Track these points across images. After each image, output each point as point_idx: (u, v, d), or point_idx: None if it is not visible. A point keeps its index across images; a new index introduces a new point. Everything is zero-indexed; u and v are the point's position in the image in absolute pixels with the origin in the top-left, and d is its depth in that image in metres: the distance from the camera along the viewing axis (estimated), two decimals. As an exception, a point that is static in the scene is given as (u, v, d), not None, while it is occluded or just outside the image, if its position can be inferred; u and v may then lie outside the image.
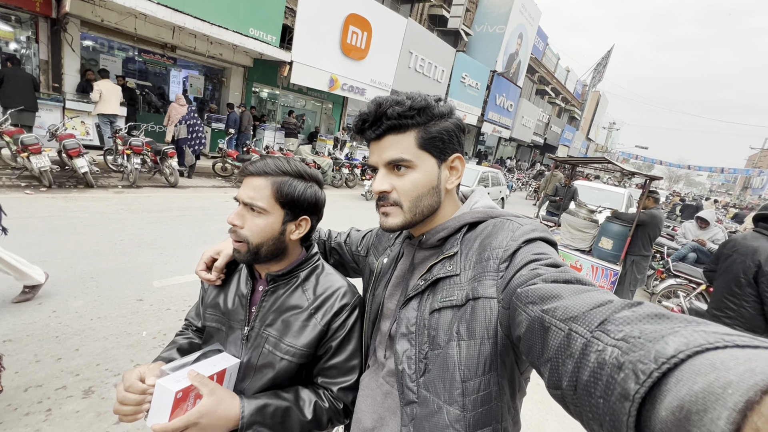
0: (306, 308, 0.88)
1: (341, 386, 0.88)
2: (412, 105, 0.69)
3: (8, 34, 7.53)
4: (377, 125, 0.71)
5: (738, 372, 0.26)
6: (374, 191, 0.73)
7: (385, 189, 0.72)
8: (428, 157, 0.72)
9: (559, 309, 0.45)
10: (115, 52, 9.36)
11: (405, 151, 0.70)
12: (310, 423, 0.83)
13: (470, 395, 0.62)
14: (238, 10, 8.02)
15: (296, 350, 0.86)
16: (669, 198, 18.61)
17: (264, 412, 0.78)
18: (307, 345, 0.86)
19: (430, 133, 0.70)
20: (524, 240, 0.63)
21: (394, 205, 0.72)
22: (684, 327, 0.33)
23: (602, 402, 0.35)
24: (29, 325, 2.46)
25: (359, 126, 0.74)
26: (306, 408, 0.84)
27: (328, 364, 0.88)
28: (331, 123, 13.97)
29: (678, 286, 4.74)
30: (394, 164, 0.71)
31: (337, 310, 0.88)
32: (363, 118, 0.73)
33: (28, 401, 1.91)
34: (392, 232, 0.77)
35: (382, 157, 0.72)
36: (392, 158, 0.71)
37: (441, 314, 0.67)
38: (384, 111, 0.69)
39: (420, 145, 0.70)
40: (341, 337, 0.88)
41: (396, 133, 0.70)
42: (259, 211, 0.82)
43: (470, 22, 18.01)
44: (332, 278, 0.93)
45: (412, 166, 0.71)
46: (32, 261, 3.22)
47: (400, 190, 0.72)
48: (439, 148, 0.72)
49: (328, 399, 0.87)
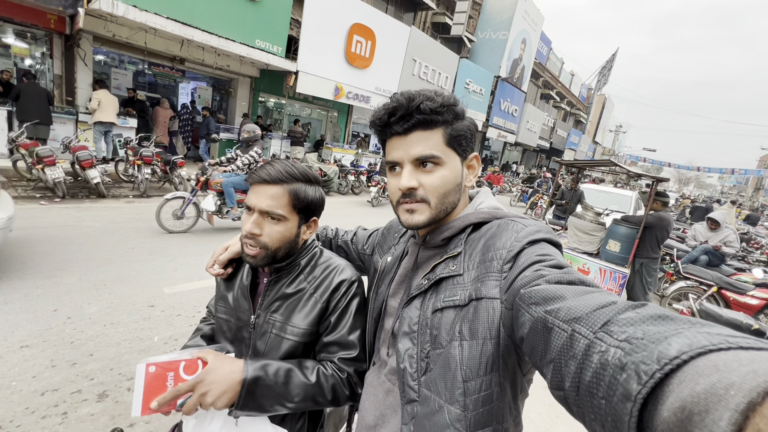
0: (307, 290, 0.91)
1: (341, 357, 0.88)
2: (444, 102, 0.68)
3: (24, 50, 7.78)
4: (406, 119, 0.69)
5: (741, 373, 0.26)
6: (402, 188, 0.71)
7: (414, 185, 0.70)
8: (454, 155, 0.72)
9: (563, 310, 0.45)
10: (126, 66, 9.62)
11: (434, 147, 0.69)
12: (313, 387, 0.83)
13: (471, 395, 0.62)
14: (244, 22, 8.20)
15: (300, 330, 0.88)
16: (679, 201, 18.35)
17: (266, 369, 0.80)
18: (310, 323, 0.89)
19: (456, 130, 0.70)
20: (528, 241, 0.63)
21: (421, 202, 0.71)
22: (687, 328, 0.33)
23: (604, 403, 0.34)
24: (45, 332, 2.52)
25: (384, 119, 0.71)
26: (309, 372, 0.84)
27: (327, 339, 0.90)
28: (336, 131, 14.09)
29: (688, 288, 4.68)
30: (422, 161, 0.70)
31: (335, 286, 0.91)
32: (390, 111, 0.70)
33: (45, 405, 1.95)
34: (417, 229, 0.75)
35: (410, 152, 0.70)
36: (422, 154, 0.69)
37: (443, 314, 0.67)
38: (417, 105, 0.67)
39: (447, 142, 0.70)
40: (339, 311, 0.90)
41: (424, 129, 0.69)
42: (279, 218, 0.84)
43: (473, 28, 18.13)
44: (330, 259, 0.97)
45: (441, 163, 0.70)
46: (48, 269, 3.32)
47: (429, 187, 0.70)
48: (462, 146, 0.72)
49: (330, 367, 0.88)
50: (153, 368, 0.73)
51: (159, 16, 6.87)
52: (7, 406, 1.90)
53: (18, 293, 2.90)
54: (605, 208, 6.09)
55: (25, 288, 3.00)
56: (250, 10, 8.21)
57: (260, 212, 0.84)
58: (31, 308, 2.75)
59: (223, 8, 7.74)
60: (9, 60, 7.77)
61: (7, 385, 2.03)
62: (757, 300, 4.25)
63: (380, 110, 0.72)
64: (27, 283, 3.07)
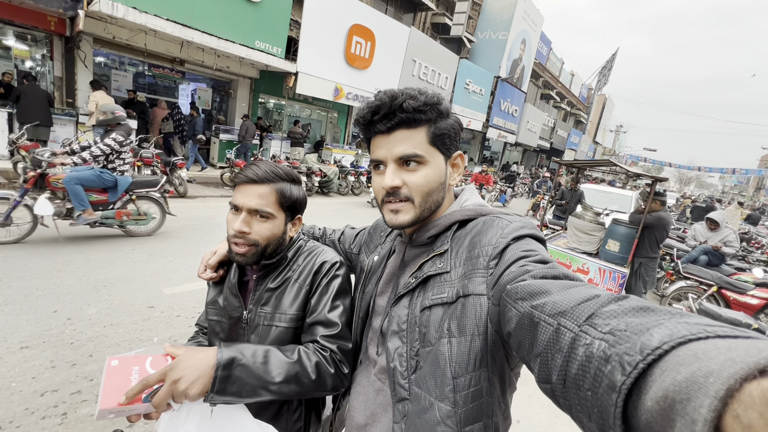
0: (292, 278, 0.94)
1: (323, 334, 0.86)
2: (426, 101, 0.68)
3: (24, 52, 7.81)
4: (389, 118, 0.69)
5: (719, 361, 0.26)
6: (386, 186, 0.71)
7: (397, 184, 0.70)
8: (437, 153, 0.72)
9: (548, 304, 0.45)
10: (126, 68, 9.63)
11: (418, 146, 0.69)
12: (294, 365, 0.79)
13: (461, 391, 0.62)
14: (244, 23, 8.22)
15: (288, 315, 0.90)
16: (679, 201, 18.30)
17: (242, 350, 0.76)
18: (297, 308, 0.91)
19: (440, 129, 0.70)
20: (513, 237, 0.64)
21: (405, 201, 0.71)
22: (668, 319, 0.34)
23: (590, 394, 0.35)
24: (45, 332, 2.53)
25: (368, 117, 0.71)
26: (289, 352, 0.81)
27: (310, 320, 0.90)
28: (336, 132, 14.11)
29: (688, 288, 4.68)
30: (406, 159, 0.70)
31: (317, 268, 0.93)
32: (374, 109, 0.70)
33: (45, 405, 1.96)
34: (401, 228, 0.75)
35: (393, 151, 0.70)
36: (405, 153, 0.69)
37: (432, 311, 0.67)
38: (399, 104, 0.67)
39: (431, 141, 0.70)
40: (319, 291, 0.92)
41: (408, 127, 0.69)
42: (267, 216, 0.87)
43: (473, 29, 18.15)
44: (315, 247, 1.00)
45: (424, 162, 0.70)
46: (48, 271, 3.33)
47: (412, 186, 0.70)
48: (446, 145, 0.72)
49: (313, 347, 0.85)
50: (116, 362, 0.70)
51: (159, 18, 6.89)
52: (7, 407, 1.91)
53: (18, 294, 2.91)
54: (605, 208, 6.09)
55: (25, 289, 3.00)
56: (250, 12, 8.23)
57: (248, 211, 0.86)
58: (31, 309, 2.76)
59: (222, 10, 7.76)
60: (10, 62, 7.80)
61: (7, 385, 2.04)
62: (757, 299, 4.25)
63: (364, 108, 0.72)
64: (27, 284, 3.08)
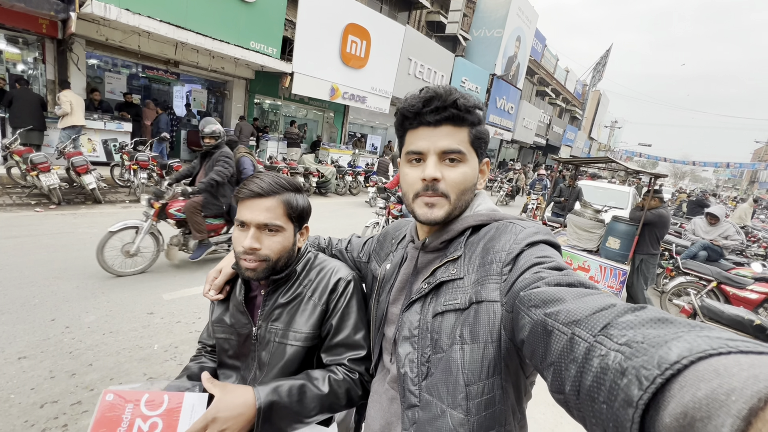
0: (305, 294, 0.91)
1: (351, 358, 0.88)
2: (476, 103, 0.71)
3: (16, 55, 7.71)
4: (440, 111, 0.69)
5: (741, 378, 0.26)
6: (428, 177, 0.70)
7: (438, 176, 0.70)
8: (474, 155, 0.73)
9: (562, 312, 0.44)
10: (120, 70, 9.56)
11: (461, 143, 0.70)
12: (328, 397, 0.82)
13: (474, 399, 0.61)
14: (238, 24, 8.15)
15: (302, 334, 0.88)
16: (675, 195, 18.42)
17: (278, 391, 0.78)
18: (312, 327, 0.89)
19: (479, 133, 0.72)
20: (527, 243, 0.63)
21: (441, 196, 0.71)
22: (687, 332, 0.33)
23: (605, 407, 0.34)
24: (43, 342, 2.49)
25: (418, 106, 0.70)
26: (320, 383, 0.83)
27: (333, 342, 0.89)
28: (333, 131, 14.06)
29: (688, 283, 4.69)
30: (449, 154, 0.70)
31: (332, 287, 0.91)
32: (426, 100, 0.69)
33: (45, 417, 1.92)
34: (434, 224, 0.74)
35: (438, 144, 0.70)
36: (450, 147, 0.70)
37: (444, 317, 0.67)
38: (454, 99, 0.68)
39: (471, 141, 0.72)
40: (340, 312, 0.90)
41: (455, 124, 0.70)
42: (277, 230, 0.85)
43: (468, 27, 18.13)
44: (324, 261, 0.97)
45: (464, 160, 0.71)
46: (45, 277, 3.28)
47: (450, 181, 0.71)
48: (481, 148, 0.74)
49: (341, 371, 0.87)
50: (111, 396, 0.68)
51: (152, 19, 6.81)
52: (6, 420, 1.87)
53: (14, 303, 2.86)
54: (604, 204, 6.10)
55: (21, 297, 2.95)
56: (244, 12, 8.16)
57: (257, 226, 0.84)
58: (28, 318, 2.71)
59: (216, 10, 7.69)
60: (1, 66, 7.70)
61: (5, 398, 2.00)
62: (757, 294, 4.26)
63: (414, 98, 0.71)
64: (23, 292, 3.03)
